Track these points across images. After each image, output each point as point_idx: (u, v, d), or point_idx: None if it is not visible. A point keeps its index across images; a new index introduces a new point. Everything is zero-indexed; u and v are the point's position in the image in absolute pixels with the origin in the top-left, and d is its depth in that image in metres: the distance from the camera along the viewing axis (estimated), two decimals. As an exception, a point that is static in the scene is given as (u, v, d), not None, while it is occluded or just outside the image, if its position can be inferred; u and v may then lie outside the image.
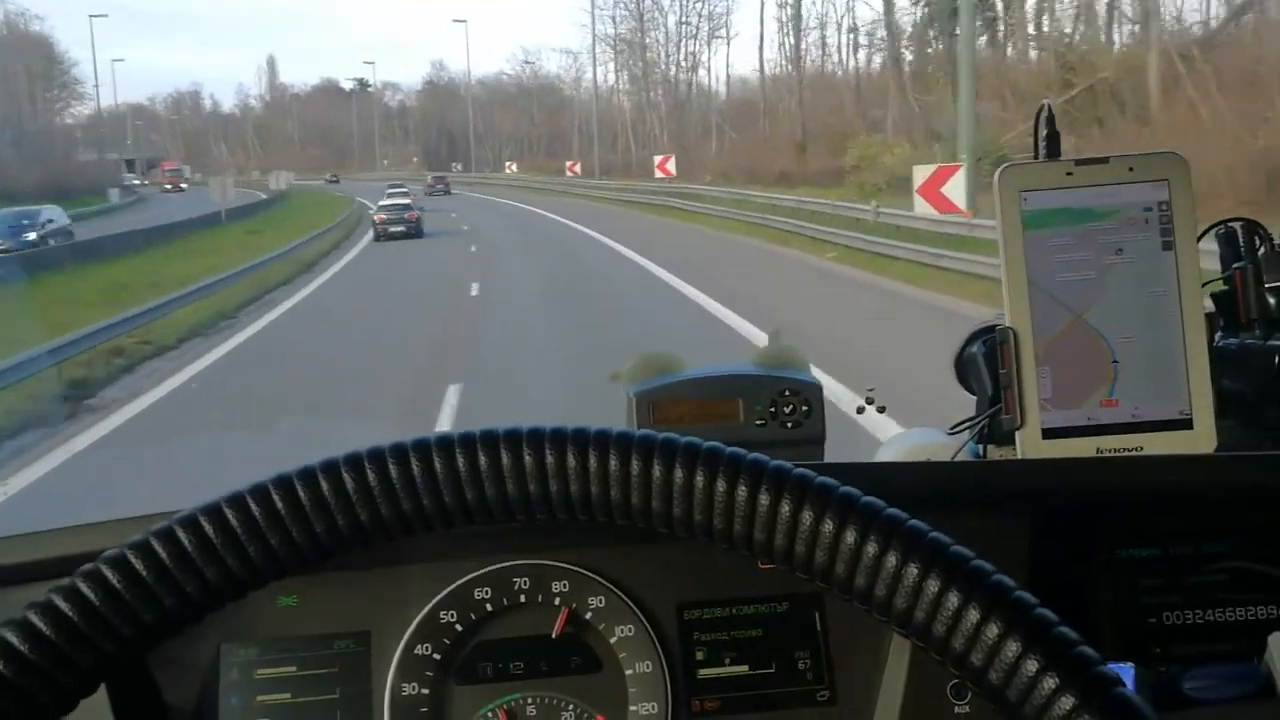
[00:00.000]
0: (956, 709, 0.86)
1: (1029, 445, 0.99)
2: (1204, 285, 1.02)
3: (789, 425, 1.08)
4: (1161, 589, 0.92)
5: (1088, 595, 0.91)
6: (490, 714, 0.89)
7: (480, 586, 0.90)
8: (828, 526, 0.51)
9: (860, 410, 1.27)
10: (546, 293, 16.69)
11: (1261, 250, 1.10)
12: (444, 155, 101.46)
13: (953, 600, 0.49)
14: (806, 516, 0.51)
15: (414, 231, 29.39)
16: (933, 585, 0.49)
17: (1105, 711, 0.46)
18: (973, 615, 0.49)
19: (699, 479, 0.52)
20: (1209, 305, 1.09)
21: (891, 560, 0.50)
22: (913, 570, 0.50)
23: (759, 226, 24.80)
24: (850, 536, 0.50)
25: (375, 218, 30.35)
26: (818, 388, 1.10)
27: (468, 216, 38.27)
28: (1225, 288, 1.12)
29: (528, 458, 0.52)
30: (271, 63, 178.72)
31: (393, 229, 29.20)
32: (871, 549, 0.50)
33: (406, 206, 30.67)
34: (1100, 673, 0.48)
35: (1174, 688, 0.82)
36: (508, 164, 69.46)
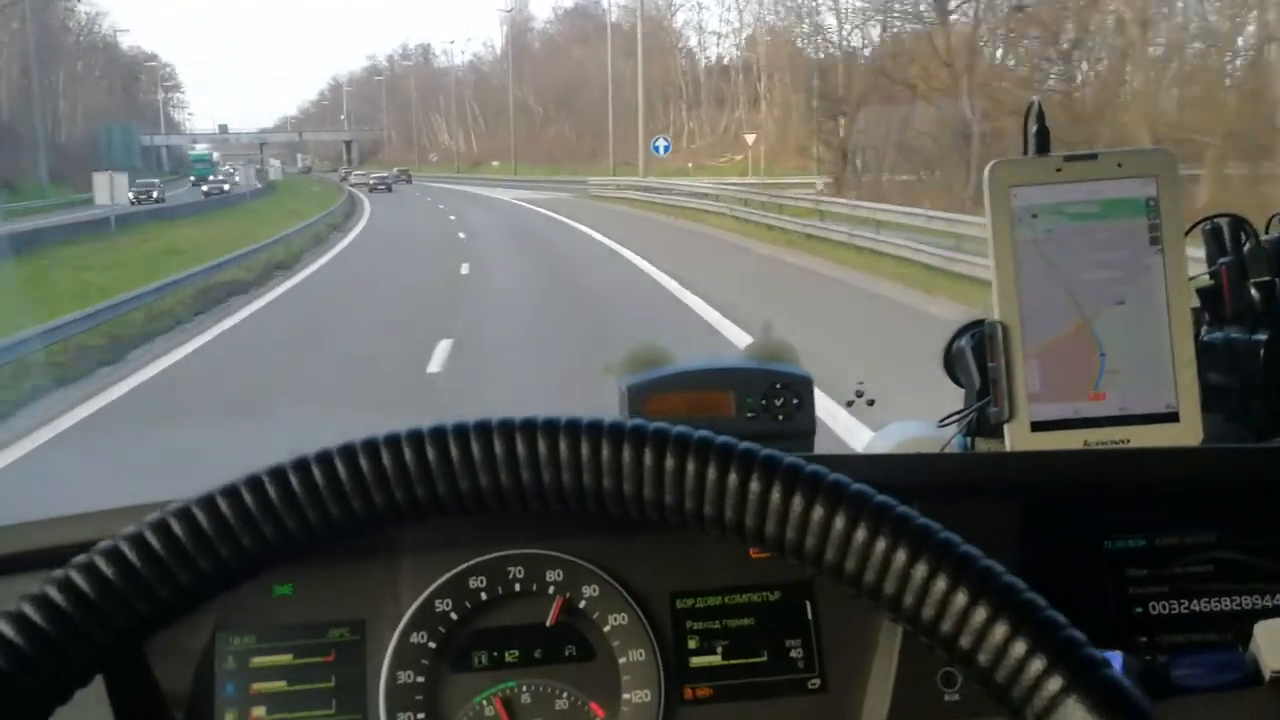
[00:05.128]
0: (946, 697, 0.87)
1: (1017, 438, 1.00)
2: (1190, 280, 1.03)
3: (780, 418, 1.09)
4: (1148, 579, 0.93)
5: (1075, 586, 0.92)
6: (485, 702, 0.89)
7: (475, 576, 0.91)
8: (818, 513, 0.51)
9: (849, 404, 1.28)
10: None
11: (1247, 246, 1.11)
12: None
13: (940, 585, 0.50)
14: (797, 503, 0.52)
15: (389, 189, 62.26)
16: (921, 570, 0.50)
17: (1093, 692, 0.47)
18: (960, 599, 0.49)
19: (690, 466, 0.52)
20: (1195, 300, 1.10)
21: (881, 546, 0.51)
22: (901, 555, 0.50)
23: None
24: (840, 522, 0.51)
25: (369, 181, 64.89)
26: (808, 381, 1.10)
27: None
28: (1211, 283, 1.13)
29: (515, 448, 0.53)
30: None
31: (378, 186, 62.10)
32: (861, 535, 0.51)
33: (385, 177, 67.13)
34: (1089, 655, 0.48)
35: (1162, 676, 0.84)
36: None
